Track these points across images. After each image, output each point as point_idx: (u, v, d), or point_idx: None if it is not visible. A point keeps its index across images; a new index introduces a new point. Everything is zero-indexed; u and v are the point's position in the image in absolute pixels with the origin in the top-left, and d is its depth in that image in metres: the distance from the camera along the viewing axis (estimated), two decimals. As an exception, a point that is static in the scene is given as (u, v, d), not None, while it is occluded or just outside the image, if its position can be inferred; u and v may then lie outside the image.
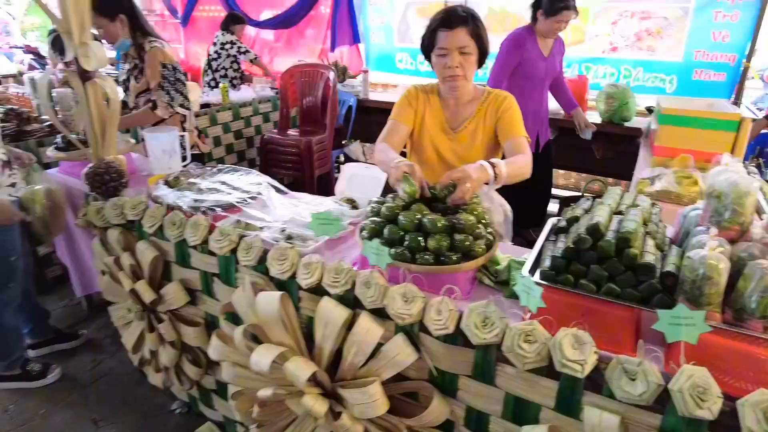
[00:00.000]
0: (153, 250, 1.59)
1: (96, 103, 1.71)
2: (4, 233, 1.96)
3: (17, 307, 2.12)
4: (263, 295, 1.25)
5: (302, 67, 3.94)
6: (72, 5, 1.56)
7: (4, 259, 1.98)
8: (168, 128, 2.20)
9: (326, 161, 3.75)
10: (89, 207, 1.72)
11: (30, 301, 2.27)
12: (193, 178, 1.84)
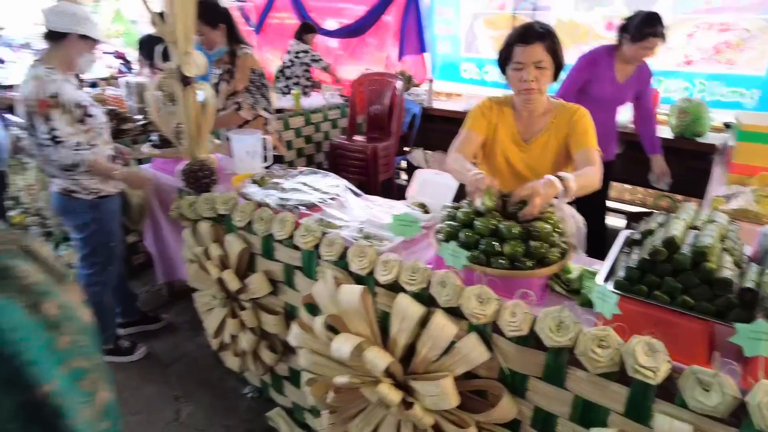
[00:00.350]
0: (241, 243, 1.74)
1: (193, 106, 1.88)
2: (109, 222, 2.18)
3: (113, 288, 2.34)
4: (346, 288, 1.35)
5: (371, 76, 4.07)
6: (180, 19, 1.74)
7: (106, 244, 2.20)
8: (252, 131, 2.37)
9: (390, 167, 3.86)
10: (182, 200, 1.89)
11: (122, 284, 2.50)
12: (277, 178, 1.98)
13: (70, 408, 0.54)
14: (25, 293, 0.53)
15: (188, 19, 1.74)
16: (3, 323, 0.50)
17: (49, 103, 1.91)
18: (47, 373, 0.53)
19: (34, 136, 1.99)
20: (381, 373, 1.27)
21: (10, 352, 0.51)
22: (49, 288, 0.55)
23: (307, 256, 1.58)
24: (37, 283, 0.54)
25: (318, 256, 1.55)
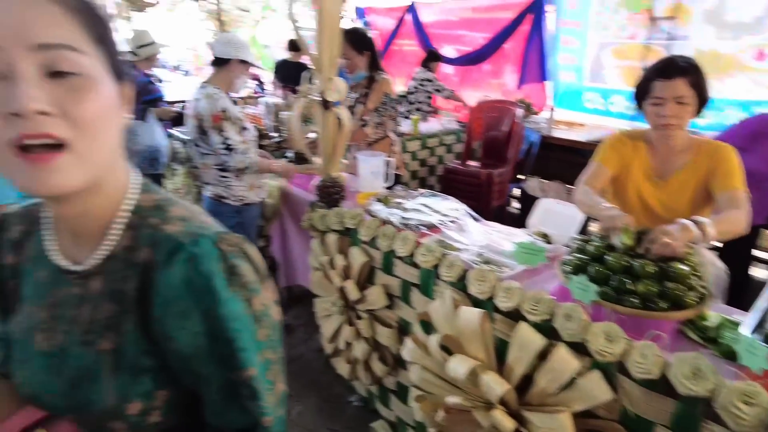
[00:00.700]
0: (363, 256, 1.84)
1: (331, 128, 2.04)
2: (249, 227, 2.43)
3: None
4: (465, 310, 1.39)
5: (491, 103, 4.11)
6: (326, 49, 1.91)
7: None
8: (377, 153, 2.51)
9: (504, 194, 3.84)
10: (314, 213, 2.05)
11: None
12: (399, 198, 2.08)
13: (261, 392, 0.64)
14: (245, 289, 0.63)
15: (333, 50, 1.91)
16: (229, 312, 0.61)
17: (221, 117, 2.22)
18: (251, 359, 0.63)
19: (199, 147, 2.30)
20: (496, 399, 1.28)
21: (230, 337, 0.61)
22: (258, 286, 0.65)
23: (426, 274, 1.64)
24: (251, 282, 0.64)
25: (436, 275, 1.60)
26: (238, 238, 0.66)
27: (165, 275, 0.60)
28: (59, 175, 0.53)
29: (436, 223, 1.83)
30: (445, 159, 4.28)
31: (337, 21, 1.86)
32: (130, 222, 0.65)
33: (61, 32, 0.53)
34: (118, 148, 0.63)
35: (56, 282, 0.66)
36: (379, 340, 1.88)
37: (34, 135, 0.51)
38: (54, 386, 0.64)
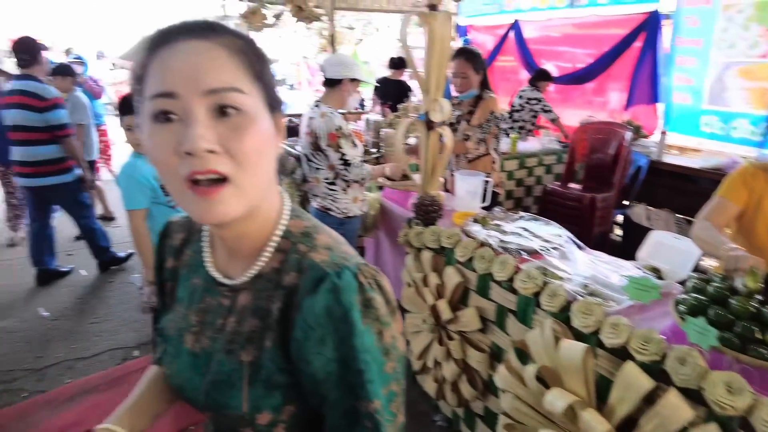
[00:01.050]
0: (458, 276, 1.84)
1: (433, 147, 2.06)
2: (351, 239, 2.52)
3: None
4: (567, 344, 1.33)
5: (597, 125, 3.93)
6: (434, 71, 1.94)
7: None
8: (476, 172, 2.50)
9: (607, 220, 3.64)
10: (411, 230, 2.08)
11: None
12: (498, 220, 2.05)
13: (383, 424, 0.65)
14: (377, 322, 0.65)
15: (441, 70, 1.94)
16: (361, 344, 0.63)
17: (337, 135, 2.35)
18: (377, 391, 0.64)
19: (311, 162, 2.46)
20: (596, 439, 1.21)
21: (360, 368, 0.63)
22: (389, 319, 0.67)
23: (524, 302, 1.60)
24: (384, 315, 0.66)
25: (536, 304, 1.56)
26: (374, 271, 0.68)
27: (309, 301, 0.64)
28: (222, 206, 0.59)
29: (537, 248, 1.78)
30: (544, 180, 4.15)
31: (447, 42, 1.89)
32: (280, 246, 0.70)
33: (227, 77, 0.59)
34: (273, 176, 0.68)
35: (208, 291, 0.74)
36: (470, 363, 1.86)
37: (202, 171, 0.57)
38: (197, 384, 0.71)
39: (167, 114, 0.58)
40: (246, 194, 0.61)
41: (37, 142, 3.31)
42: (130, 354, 2.81)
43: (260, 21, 4.53)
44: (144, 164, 2.20)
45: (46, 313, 3.23)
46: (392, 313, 0.68)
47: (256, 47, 0.65)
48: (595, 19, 5.23)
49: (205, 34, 0.60)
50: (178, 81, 0.57)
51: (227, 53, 0.60)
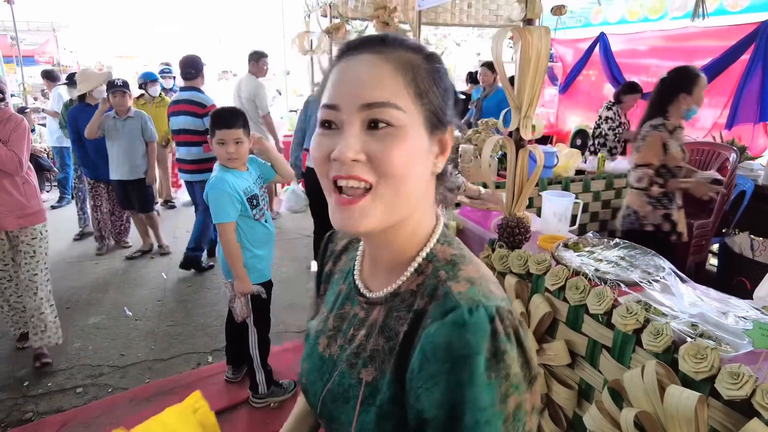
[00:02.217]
0: (547, 306, 1.72)
1: (522, 166, 1.97)
2: None
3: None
4: (676, 390, 1.20)
5: (697, 144, 3.63)
6: (528, 86, 1.85)
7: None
8: (565, 193, 2.36)
9: (704, 249, 3.34)
10: (495, 252, 1.99)
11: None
12: (591, 246, 1.92)
13: None
14: (505, 381, 0.57)
15: (536, 86, 1.85)
16: (477, 398, 0.55)
17: None
18: None
19: None
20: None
21: (469, 424, 0.55)
22: (521, 382, 0.58)
23: (623, 339, 1.47)
24: (515, 375, 0.57)
25: (637, 342, 1.42)
26: (517, 321, 0.61)
27: (432, 331, 0.59)
28: (359, 216, 0.61)
29: (637, 280, 1.63)
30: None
31: (544, 58, 1.80)
32: (421, 267, 0.68)
33: (385, 93, 0.60)
34: (425, 195, 0.68)
35: (349, 298, 0.75)
36: (554, 399, 1.74)
37: (344, 177, 0.61)
38: (318, 389, 0.70)
39: (329, 123, 0.63)
40: (386, 205, 0.62)
41: (196, 143, 4.07)
42: (204, 359, 2.90)
43: (342, 36, 4.62)
44: (233, 177, 2.26)
45: (129, 313, 3.42)
46: (527, 379, 0.59)
47: (430, 64, 0.65)
48: (693, 30, 4.89)
49: (376, 49, 0.63)
50: (341, 95, 0.62)
51: (392, 68, 0.62)
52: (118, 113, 4.17)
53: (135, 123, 4.24)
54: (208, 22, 16.23)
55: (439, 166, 0.68)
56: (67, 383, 2.65)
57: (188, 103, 4.01)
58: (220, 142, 2.24)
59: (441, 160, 0.68)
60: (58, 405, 2.48)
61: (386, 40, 0.64)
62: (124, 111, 4.18)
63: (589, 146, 4.66)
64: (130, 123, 4.21)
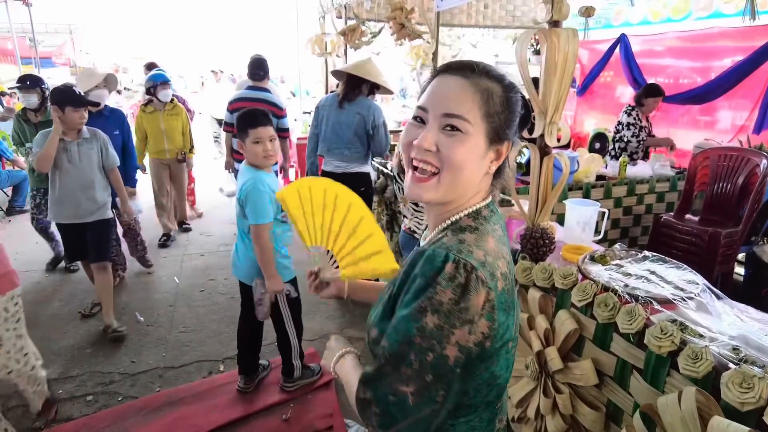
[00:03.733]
0: (573, 322, 1.64)
1: (546, 174, 1.88)
2: None
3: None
4: (721, 423, 1.11)
5: (723, 150, 3.50)
6: (555, 92, 1.77)
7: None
8: (589, 201, 2.27)
9: (731, 259, 3.21)
10: (518, 264, 1.90)
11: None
12: (618, 259, 1.82)
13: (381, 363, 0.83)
14: (430, 303, 0.78)
15: (563, 91, 1.76)
16: (407, 303, 0.81)
17: None
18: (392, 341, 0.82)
19: (398, 183, 2.34)
20: None
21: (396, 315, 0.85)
22: (442, 313, 0.77)
23: (656, 361, 1.37)
24: (439, 303, 0.77)
25: (672, 365, 1.33)
26: (474, 275, 0.77)
27: (412, 263, 0.85)
28: (421, 191, 0.88)
29: (669, 297, 1.54)
30: (654, 209, 3.76)
31: (572, 61, 1.71)
32: (445, 229, 0.92)
33: (462, 109, 0.84)
34: (477, 186, 0.91)
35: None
36: (580, 421, 1.65)
37: (418, 159, 0.87)
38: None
39: (419, 119, 0.89)
40: (443, 188, 0.87)
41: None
42: (215, 367, 2.85)
43: (358, 38, 4.55)
44: (266, 177, 2.23)
45: (141, 318, 3.38)
46: (455, 316, 0.76)
47: (505, 93, 0.87)
48: (716, 31, 4.73)
49: (464, 73, 0.87)
50: (432, 102, 0.87)
51: (473, 91, 0.85)
52: (68, 134, 3.01)
53: (91, 147, 3.10)
54: (223, 24, 16.30)
55: (493, 168, 0.91)
56: (77, 391, 2.61)
57: (266, 103, 4.01)
58: (257, 141, 2.22)
59: (495, 165, 0.91)
60: (68, 413, 2.45)
61: (475, 68, 0.87)
62: (77, 131, 3.05)
63: (609, 150, 4.54)
64: (86, 147, 3.07)
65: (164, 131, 4.76)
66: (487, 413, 0.91)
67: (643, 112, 4.55)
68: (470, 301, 0.75)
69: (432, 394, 0.77)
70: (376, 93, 3.48)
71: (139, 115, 4.72)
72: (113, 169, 3.22)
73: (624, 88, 5.86)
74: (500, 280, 0.80)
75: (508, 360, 0.87)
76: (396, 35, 3.54)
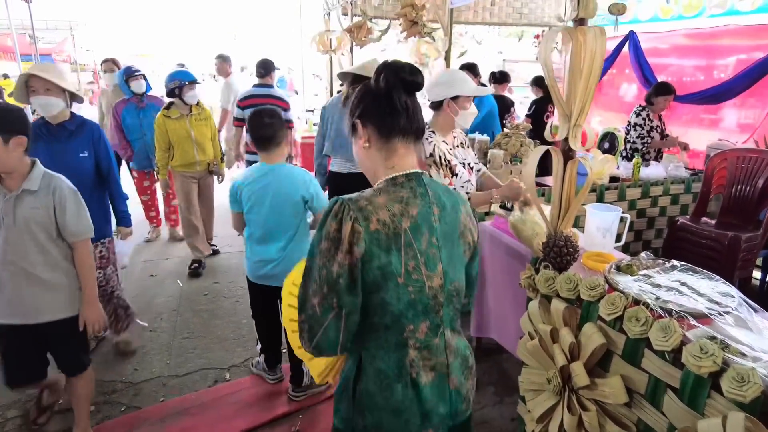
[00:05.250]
0: (600, 337, 1.55)
1: (570, 179, 1.79)
2: None
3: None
4: (775, 455, 1.02)
5: (742, 152, 3.41)
6: (580, 93, 1.68)
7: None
8: (611, 206, 2.19)
9: (750, 264, 3.12)
10: (540, 273, 1.82)
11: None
12: (645, 268, 1.74)
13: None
14: (323, 232, 1.09)
15: (588, 93, 1.67)
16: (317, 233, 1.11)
17: (427, 163, 2.14)
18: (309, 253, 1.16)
19: None
20: None
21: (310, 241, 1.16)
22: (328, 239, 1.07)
23: (695, 381, 1.29)
24: (327, 232, 1.08)
25: (713, 386, 1.24)
26: (348, 213, 1.05)
27: None
28: None
29: (705, 311, 1.45)
30: (668, 211, 3.68)
31: (599, 60, 1.62)
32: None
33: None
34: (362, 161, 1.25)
35: None
36: (609, 440, 1.56)
37: None
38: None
39: None
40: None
41: None
42: (221, 376, 2.77)
43: (365, 35, 4.46)
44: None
45: (144, 323, 3.31)
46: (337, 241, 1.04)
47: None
48: (730, 28, 4.63)
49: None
50: None
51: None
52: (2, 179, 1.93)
53: (35, 206, 1.94)
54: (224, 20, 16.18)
55: (368, 146, 1.18)
56: (78, 400, 2.53)
57: (272, 97, 4.35)
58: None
59: (363, 142, 1.19)
60: (69, 424, 2.36)
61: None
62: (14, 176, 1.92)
63: (620, 151, 4.45)
64: (28, 204, 1.93)
65: (194, 140, 4.00)
66: (393, 337, 1.13)
67: (653, 111, 4.45)
68: (343, 231, 1.04)
69: (329, 301, 1.05)
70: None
71: (161, 120, 3.92)
72: (79, 242, 2.04)
73: (628, 85, 5.77)
74: (373, 223, 1.06)
75: (399, 293, 1.09)
76: (406, 33, 3.45)
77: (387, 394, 1.12)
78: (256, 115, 2.33)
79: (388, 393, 1.12)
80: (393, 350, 1.13)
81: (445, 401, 1.17)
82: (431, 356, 1.15)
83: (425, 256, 1.10)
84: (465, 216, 1.24)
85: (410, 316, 1.11)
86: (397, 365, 1.13)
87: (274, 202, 2.29)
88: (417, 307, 1.11)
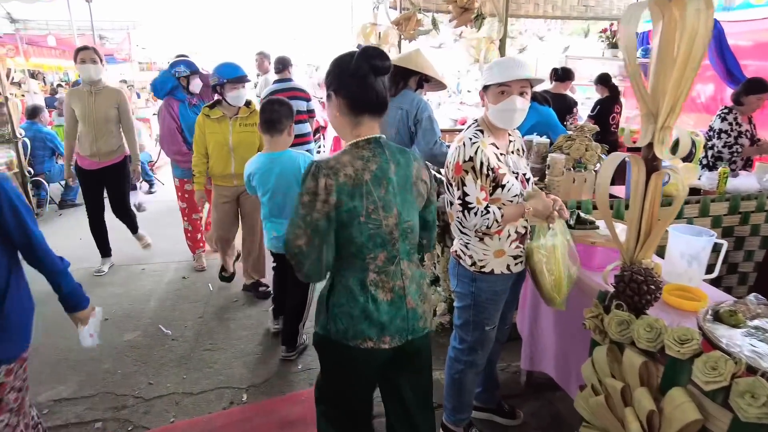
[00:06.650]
0: (695, 411, 1.17)
1: (654, 196, 1.41)
2: (486, 303, 1.93)
3: (478, 372, 2.09)
4: None
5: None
6: (674, 87, 1.30)
7: (478, 325, 1.97)
8: (701, 228, 1.77)
9: None
10: (611, 314, 1.44)
11: (489, 368, 2.23)
12: (754, 317, 1.32)
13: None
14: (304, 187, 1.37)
15: (683, 87, 1.28)
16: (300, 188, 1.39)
17: (464, 168, 1.77)
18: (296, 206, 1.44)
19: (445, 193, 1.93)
20: None
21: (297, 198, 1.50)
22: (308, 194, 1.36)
23: None
24: (306, 189, 1.36)
25: None
26: (320, 171, 1.33)
27: None
28: None
29: None
30: (762, 230, 3.13)
31: (701, 43, 1.23)
32: None
33: None
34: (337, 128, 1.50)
35: None
36: None
37: None
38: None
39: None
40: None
41: (301, 121, 4.39)
42: (238, 397, 2.52)
43: (413, 28, 4.15)
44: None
45: (168, 331, 3.13)
46: (316, 194, 1.32)
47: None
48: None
49: None
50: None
51: None
52: None
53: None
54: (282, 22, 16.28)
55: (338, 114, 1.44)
56: (86, 415, 2.36)
57: (293, 90, 4.54)
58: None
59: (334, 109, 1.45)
60: (69, 420, 2.18)
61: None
62: None
63: (701, 159, 3.89)
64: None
65: (232, 148, 3.31)
66: (357, 262, 1.41)
67: (742, 112, 3.85)
68: (319, 186, 1.32)
69: (314, 242, 1.34)
70: (426, 87, 3.06)
71: (201, 120, 3.33)
72: None
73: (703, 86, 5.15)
74: (341, 176, 1.33)
75: (361, 229, 1.37)
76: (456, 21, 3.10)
77: (352, 304, 1.40)
78: (268, 102, 2.67)
79: (353, 303, 1.40)
80: (357, 272, 1.42)
81: (402, 317, 1.44)
82: (389, 279, 1.43)
83: (383, 201, 1.38)
84: (416, 170, 1.48)
85: (370, 246, 1.39)
86: (360, 283, 1.41)
87: (280, 183, 2.64)
88: (376, 240, 1.39)
